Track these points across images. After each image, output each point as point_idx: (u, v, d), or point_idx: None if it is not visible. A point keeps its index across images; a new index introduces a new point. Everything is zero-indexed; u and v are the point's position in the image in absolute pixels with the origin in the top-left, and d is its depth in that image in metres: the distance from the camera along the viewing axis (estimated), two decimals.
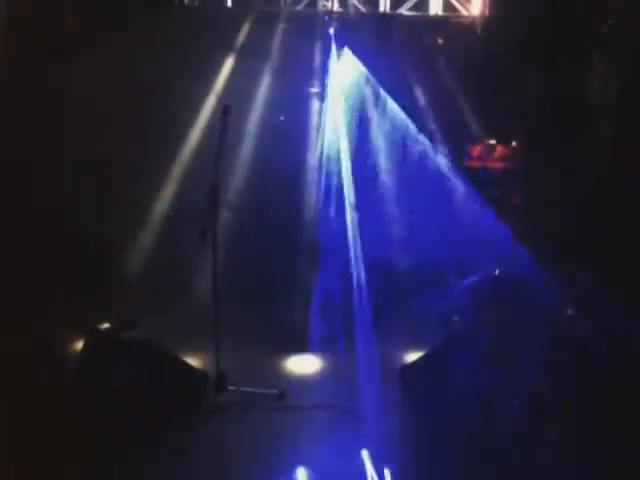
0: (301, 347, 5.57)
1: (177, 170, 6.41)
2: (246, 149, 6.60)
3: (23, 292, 5.30)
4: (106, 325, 5.03)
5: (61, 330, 5.07)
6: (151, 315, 5.50)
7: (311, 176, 6.58)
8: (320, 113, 6.74)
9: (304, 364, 5.46)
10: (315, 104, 6.77)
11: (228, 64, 6.88)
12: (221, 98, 6.51)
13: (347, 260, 6.50)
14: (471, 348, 4.66)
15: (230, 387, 4.73)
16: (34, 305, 5.20)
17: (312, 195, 6.56)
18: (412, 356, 5.21)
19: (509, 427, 4.14)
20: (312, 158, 6.62)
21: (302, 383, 5.16)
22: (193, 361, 5.06)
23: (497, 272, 5.11)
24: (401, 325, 5.61)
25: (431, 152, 6.79)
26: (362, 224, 6.65)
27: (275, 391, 4.83)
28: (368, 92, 7.02)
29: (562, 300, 4.93)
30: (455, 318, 5.08)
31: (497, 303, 4.93)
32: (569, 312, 4.84)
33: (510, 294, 4.96)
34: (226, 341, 4.78)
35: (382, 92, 6.90)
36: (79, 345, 4.84)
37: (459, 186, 6.69)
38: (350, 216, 6.49)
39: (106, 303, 5.62)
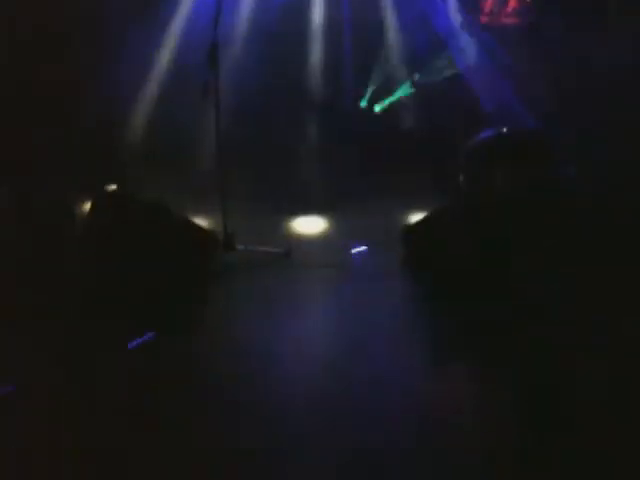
0: (307, 208, 5.63)
1: (175, 28, 6.14)
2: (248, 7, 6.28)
3: (27, 162, 5.26)
4: (112, 187, 5.04)
5: (67, 194, 5.07)
6: (156, 177, 5.51)
7: (318, 32, 6.30)
8: None
9: (309, 224, 5.54)
10: None
11: None
12: None
13: (352, 117, 6.39)
14: (476, 209, 4.62)
15: (238, 247, 4.83)
16: (38, 174, 5.17)
17: (318, 51, 6.32)
18: (415, 217, 5.25)
19: (511, 293, 4.06)
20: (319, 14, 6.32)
21: (307, 243, 5.25)
22: (201, 221, 5.14)
23: (505, 130, 4.98)
24: (406, 185, 5.57)
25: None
26: (367, 84, 6.48)
27: (281, 250, 4.94)
28: None
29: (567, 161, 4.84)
30: (461, 178, 5.01)
31: (505, 161, 4.83)
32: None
33: (518, 153, 4.86)
34: (233, 201, 4.81)
35: None
36: (86, 207, 4.86)
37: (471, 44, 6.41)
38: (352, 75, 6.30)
39: (110, 167, 5.61)
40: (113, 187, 5.07)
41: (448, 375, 3.59)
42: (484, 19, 6.68)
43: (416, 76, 6.33)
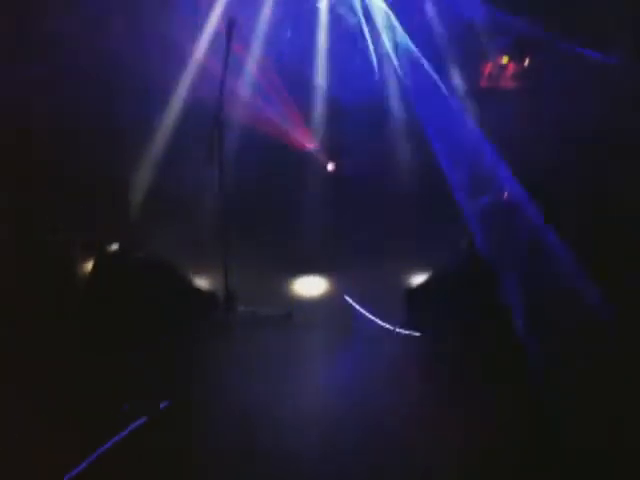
0: (308, 268, 5.64)
1: (182, 89, 6.26)
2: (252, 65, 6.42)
3: (30, 215, 5.29)
4: (115, 246, 5.06)
5: (70, 251, 5.08)
6: (159, 236, 5.53)
7: (319, 93, 6.42)
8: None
9: (311, 285, 5.54)
10: (323, 20, 6.51)
11: None
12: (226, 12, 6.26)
13: (357, 180, 6.45)
14: (478, 271, 4.65)
15: (239, 308, 4.81)
16: (42, 228, 5.20)
17: (322, 114, 6.43)
18: (418, 278, 5.25)
19: (516, 349, 4.14)
20: (320, 77, 6.45)
21: (309, 304, 5.24)
22: (202, 281, 5.13)
23: (505, 195, 5.04)
24: (408, 246, 5.60)
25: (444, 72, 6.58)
26: (371, 145, 6.56)
27: (283, 311, 4.92)
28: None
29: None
30: (463, 241, 5.05)
31: (505, 226, 4.88)
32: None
33: (519, 217, 4.91)
34: (234, 261, 4.82)
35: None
36: (89, 266, 4.86)
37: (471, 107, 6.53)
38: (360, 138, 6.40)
39: (114, 224, 5.64)
40: (115, 245, 5.08)
41: (448, 436, 3.54)
42: (484, 83, 6.82)
43: None
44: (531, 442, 3.41)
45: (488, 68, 6.74)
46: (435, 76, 6.49)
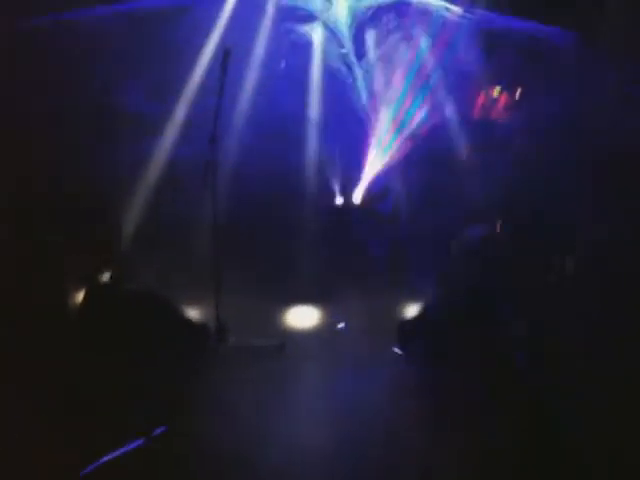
0: (301, 298, 5.61)
1: (177, 118, 6.29)
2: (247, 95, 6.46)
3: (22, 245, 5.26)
4: (106, 277, 5.02)
5: (61, 282, 5.04)
6: (151, 266, 5.50)
7: (313, 126, 6.47)
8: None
9: (304, 316, 5.50)
10: (317, 50, 6.59)
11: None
12: (221, 42, 6.33)
13: (347, 212, 6.48)
14: (469, 305, 4.64)
15: (230, 339, 4.76)
16: (33, 259, 5.16)
17: (315, 146, 6.46)
18: (409, 311, 5.24)
19: (509, 383, 4.13)
20: (314, 109, 6.50)
21: (301, 334, 5.19)
22: (193, 312, 5.09)
23: (498, 228, 5.06)
24: (401, 277, 5.59)
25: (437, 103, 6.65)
26: (364, 178, 6.60)
27: (275, 343, 4.87)
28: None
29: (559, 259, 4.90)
30: (454, 273, 5.05)
31: (497, 259, 4.89)
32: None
33: (510, 251, 4.92)
34: (226, 292, 4.79)
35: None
36: (79, 297, 4.83)
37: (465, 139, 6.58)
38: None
39: (105, 254, 5.61)
40: (106, 276, 5.06)
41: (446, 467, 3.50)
42: (476, 114, 6.88)
43: None
44: (532, 474, 3.37)
45: (481, 99, 6.81)
46: (428, 107, 6.56)
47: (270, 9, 6.52)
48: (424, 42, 6.55)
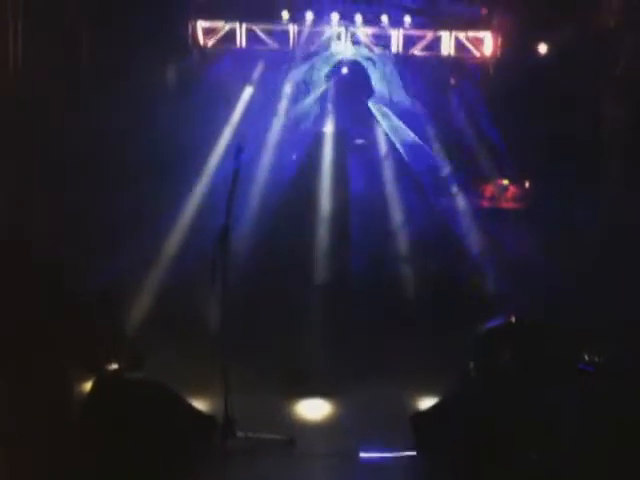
0: (310, 391, 5.50)
1: (189, 210, 6.42)
2: (258, 188, 6.61)
3: (28, 334, 5.25)
4: (113, 367, 4.97)
5: (69, 371, 5.00)
6: (158, 357, 5.45)
7: (325, 218, 6.58)
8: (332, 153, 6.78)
9: (314, 409, 5.37)
10: (328, 144, 6.80)
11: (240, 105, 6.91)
12: (234, 138, 6.55)
13: (357, 299, 6.46)
14: (486, 395, 4.53)
15: (238, 433, 4.64)
16: (41, 346, 5.14)
17: (324, 238, 6.54)
18: (424, 402, 5.11)
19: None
20: (325, 200, 6.64)
21: (311, 428, 5.06)
22: (200, 404, 4.98)
23: (513, 319, 5.01)
24: (411, 367, 5.49)
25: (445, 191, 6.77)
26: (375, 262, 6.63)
27: (284, 437, 4.73)
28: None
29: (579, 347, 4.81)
30: (471, 364, 4.95)
31: (513, 350, 4.82)
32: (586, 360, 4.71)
33: (527, 341, 4.85)
34: (234, 384, 4.70)
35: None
36: (87, 387, 4.77)
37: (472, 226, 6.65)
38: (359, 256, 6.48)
39: (113, 344, 5.57)
40: (114, 367, 5.00)
41: None
42: (485, 203, 6.97)
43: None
44: None
45: (489, 189, 6.91)
46: (435, 195, 6.67)
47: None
48: None
